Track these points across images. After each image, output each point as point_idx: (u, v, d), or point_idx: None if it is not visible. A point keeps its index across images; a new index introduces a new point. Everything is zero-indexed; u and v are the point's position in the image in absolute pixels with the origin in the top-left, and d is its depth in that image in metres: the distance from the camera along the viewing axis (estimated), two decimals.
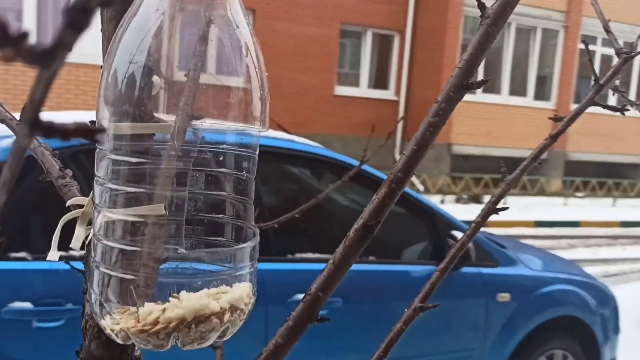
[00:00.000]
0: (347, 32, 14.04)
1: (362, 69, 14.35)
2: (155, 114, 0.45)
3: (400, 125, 14.41)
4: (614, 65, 0.64)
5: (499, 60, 13.78)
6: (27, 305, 2.27)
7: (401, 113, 14.42)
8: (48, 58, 0.18)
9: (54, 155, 0.54)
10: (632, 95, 15.51)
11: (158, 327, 0.37)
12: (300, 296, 2.22)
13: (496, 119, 13.89)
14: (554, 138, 0.69)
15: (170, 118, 0.48)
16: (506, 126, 14.00)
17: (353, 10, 13.72)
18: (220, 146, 0.45)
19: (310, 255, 2.95)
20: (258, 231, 0.45)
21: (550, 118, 0.71)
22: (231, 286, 0.40)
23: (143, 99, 0.41)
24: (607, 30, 0.70)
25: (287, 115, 13.24)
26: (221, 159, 0.44)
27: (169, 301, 0.38)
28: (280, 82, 13.09)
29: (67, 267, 0.77)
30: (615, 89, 0.69)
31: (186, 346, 0.39)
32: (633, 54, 0.71)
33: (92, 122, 0.45)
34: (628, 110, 0.74)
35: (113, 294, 0.38)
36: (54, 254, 0.43)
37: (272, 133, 3.26)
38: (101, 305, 0.39)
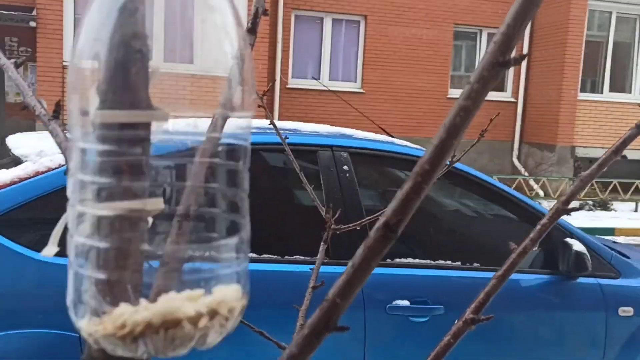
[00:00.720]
0: (461, 34, 13.68)
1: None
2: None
3: (518, 128, 13.78)
4: None
5: (629, 56, 12.75)
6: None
7: (519, 115, 13.78)
8: None
9: None
10: None
11: (124, 330, 0.34)
12: (400, 302, 2.17)
13: (626, 119, 12.84)
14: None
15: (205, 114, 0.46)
16: None
17: (467, 11, 13.34)
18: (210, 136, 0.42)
19: (411, 260, 2.87)
20: (248, 225, 0.41)
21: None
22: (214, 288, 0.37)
23: (137, 85, 0.39)
24: None
25: (400, 118, 13.13)
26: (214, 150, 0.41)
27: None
28: (392, 86, 13.01)
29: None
30: None
31: (159, 353, 0.36)
32: None
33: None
34: None
35: (87, 293, 0.36)
36: (50, 249, 0.42)
37: (372, 135, 3.22)
38: (76, 305, 0.37)
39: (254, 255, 2.63)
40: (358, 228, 1.41)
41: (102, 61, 0.37)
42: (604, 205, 11.59)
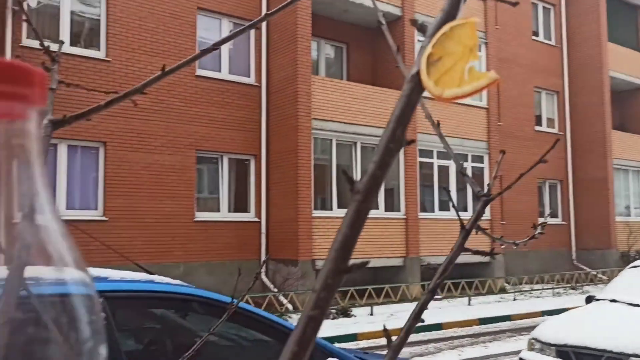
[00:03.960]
0: (203, 159, 14.21)
1: (222, 193, 14.44)
2: None
3: (263, 246, 14.47)
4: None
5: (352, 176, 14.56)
6: None
7: (264, 233, 14.53)
8: None
9: None
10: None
11: None
12: None
13: None
14: None
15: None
16: (365, 238, 14.59)
17: (208, 138, 14.01)
18: None
19: None
20: None
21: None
22: None
23: None
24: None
25: (148, 245, 12.78)
26: None
27: None
28: (137, 212, 12.73)
29: None
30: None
31: None
32: (491, 197, 0.78)
33: None
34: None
35: None
36: None
37: (130, 275, 3.09)
38: None
39: None
40: None
41: None
42: (345, 312, 12.57)
